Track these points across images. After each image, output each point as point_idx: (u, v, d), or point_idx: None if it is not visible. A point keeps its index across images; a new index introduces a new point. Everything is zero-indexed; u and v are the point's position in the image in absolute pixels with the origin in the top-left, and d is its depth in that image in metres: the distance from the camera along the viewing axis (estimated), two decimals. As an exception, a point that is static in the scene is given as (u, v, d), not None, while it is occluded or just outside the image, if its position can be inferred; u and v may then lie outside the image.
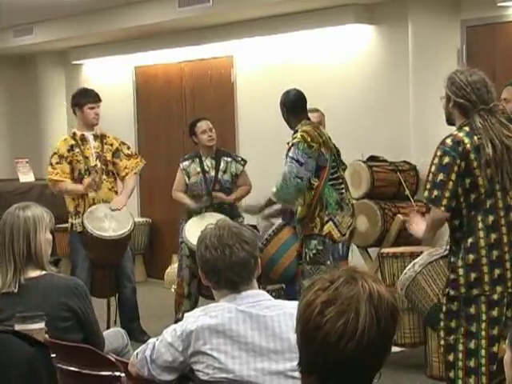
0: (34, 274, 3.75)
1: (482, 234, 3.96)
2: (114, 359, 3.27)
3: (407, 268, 5.52)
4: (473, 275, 3.96)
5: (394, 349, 5.72)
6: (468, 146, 3.91)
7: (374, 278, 1.80)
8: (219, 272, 2.89)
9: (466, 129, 3.96)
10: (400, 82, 7.39)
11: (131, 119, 10.06)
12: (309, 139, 5.77)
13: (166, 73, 9.72)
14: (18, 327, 3.09)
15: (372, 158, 7.14)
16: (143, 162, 6.96)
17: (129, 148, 6.96)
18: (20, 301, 3.61)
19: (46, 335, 2.94)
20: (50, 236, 3.83)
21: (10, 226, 3.75)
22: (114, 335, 4.28)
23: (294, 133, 5.89)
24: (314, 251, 5.82)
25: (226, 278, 2.89)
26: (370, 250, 7.11)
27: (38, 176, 10.08)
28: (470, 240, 3.97)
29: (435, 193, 3.94)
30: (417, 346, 5.90)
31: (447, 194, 3.92)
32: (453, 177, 3.91)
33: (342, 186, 5.98)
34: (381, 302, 1.76)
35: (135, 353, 3.08)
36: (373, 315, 1.73)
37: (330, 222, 5.83)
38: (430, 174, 3.98)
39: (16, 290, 3.64)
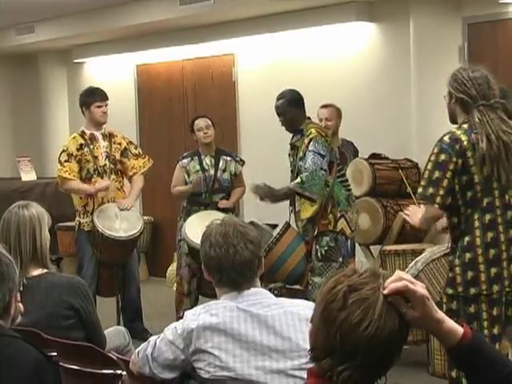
0: (36, 272, 3.77)
1: (478, 232, 3.93)
2: (115, 357, 3.27)
3: (409, 266, 5.51)
4: (470, 274, 3.94)
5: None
6: (465, 143, 3.89)
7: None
8: (222, 270, 2.89)
9: (465, 126, 3.95)
10: (402, 80, 7.38)
11: (133, 117, 10.06)
12: (323, 134, 5.80)
13: (168, 71, 9.72)
14: None
15: (374, 156, 7.14)
16: (150, 162, 6.96)
17: (136, 148, 6.97)
18: (22, 299, 3.60)
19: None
20: (48, 234, 3.86)
21: (15, 225, 3.76)
22: (115, 333, 4.28)
23: (299, 132, 5.85)
24: (326, 248, 5.80)
25: (229, 276, 2.89)
26: (371, 247, 7.11)
27: (40, 175, 10.08)
28: (466, 238, 3.95)
29: (430, 190, 3.92)
30: (419, 344, 5.89)
31: (441, 192, 3.90)
32: (448, 174, 3.89)
33: (348, 182, 6.01)
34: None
35: (136, 351, 3.07)
36: (391, 310, 1.81)
37: (343, 219, 5.83)
38: (426, 171, 3.96)
39: (21, 289, 3.64)
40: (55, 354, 2.65)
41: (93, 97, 6.75)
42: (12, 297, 2.55)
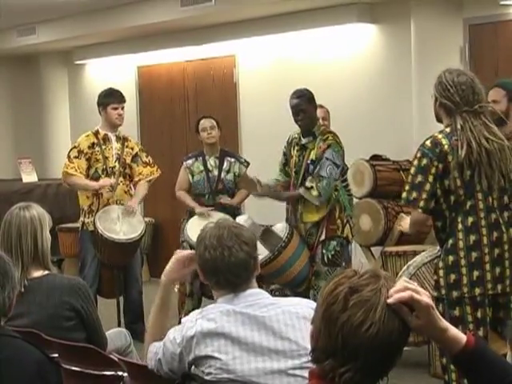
0: (37, 273, 3.77)
1: (461, 235, 3.92)
2: (116, 359, 3.27)
3: (402, 270, 5.50)
4: (452, 277, 3.93)
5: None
6: (446, 147, 3.88)
7: (393, 279, 1.88)
8: (218, 273, 2.88)
9: (447, 130, 3.94)
10: (403, 81, 7.39)
11: (134, 119, 10.06)
12: (338, 140, 5.80)
13: (169, 72, 9.72)
14: None
15: (375, 157, 7.14)
16: (158, 173, 7.01)
17: (147, 156, 7.01)
18: (23, 300, 3.61)
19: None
20: (49, 235, 3.87)
21: (16, 226, 3.76)
22: (116, 335, 4.28)
23: (311, 134, 5.83)
24: (333, 252, 5.81)
25: (225, 278, 2.88)
26: (372, 248, 7.10)
27: (41, 176, 10.08)
28: (450, 241, 3.95)
29: (414, 194, 3.93)
30: (420, 345, 5.88)
31: (424, 196, 3.90)
32: (430, 178, 3.89)
33: (349, 187, 6.02)
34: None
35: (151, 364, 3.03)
36: (392, 311, 1.81)
37: (348, 225, 5.85)
38: (410, 176, 3.97)
39: (23, 290, 3.65)
40: (57, 355, 2.66)
41: (110, 98, 6.84)
42: (14, 295, 2.56)
